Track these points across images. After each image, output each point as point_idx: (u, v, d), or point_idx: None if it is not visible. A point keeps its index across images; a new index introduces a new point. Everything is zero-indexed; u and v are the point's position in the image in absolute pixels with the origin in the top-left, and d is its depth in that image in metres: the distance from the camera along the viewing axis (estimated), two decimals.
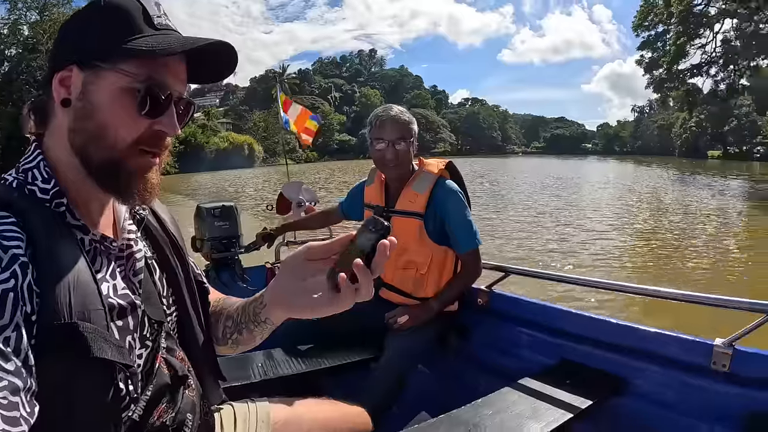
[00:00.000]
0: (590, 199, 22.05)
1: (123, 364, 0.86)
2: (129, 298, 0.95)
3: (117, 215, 1.04)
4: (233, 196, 27.97)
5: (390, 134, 2.47)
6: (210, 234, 3.38)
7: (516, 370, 2.30)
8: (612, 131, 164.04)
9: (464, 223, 2.48)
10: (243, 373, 2.24)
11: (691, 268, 9.43)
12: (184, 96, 0.98)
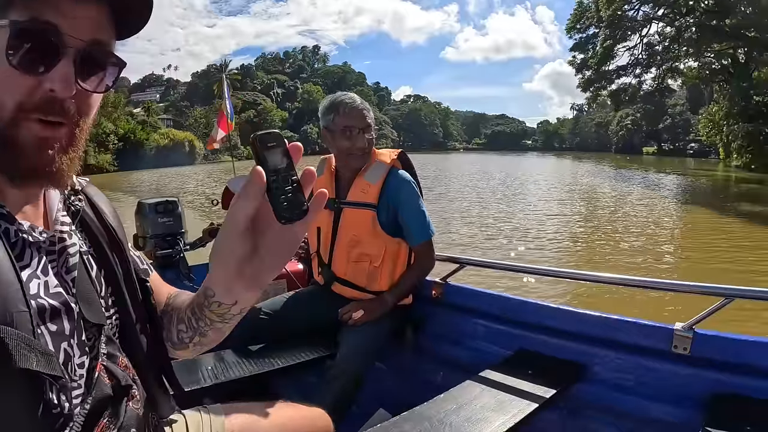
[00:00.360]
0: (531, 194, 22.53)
1: (51, 376, 0.73)
2: (62, 298, 0.81)
3: (49, 205, 0.90)
4: (175, 193, 27.37)
5: (361, 122, 2.42)
6: (153, 231, 3.21)
7: (475, 362, 2.28)
8: (552, 128, 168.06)
9: (418, 213, 2.45)
10: (193, 377, 2.13)
11: (637, 255, 9.86)
12: (102, 43, 0.79)
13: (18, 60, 0.71)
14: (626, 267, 8.78)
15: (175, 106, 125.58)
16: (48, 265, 0.83)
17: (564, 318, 2.13)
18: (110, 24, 0.80)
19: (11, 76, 0.71)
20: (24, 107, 0.73)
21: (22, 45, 0.70)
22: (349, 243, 2.50)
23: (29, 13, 0.70)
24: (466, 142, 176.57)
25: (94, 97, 0.82)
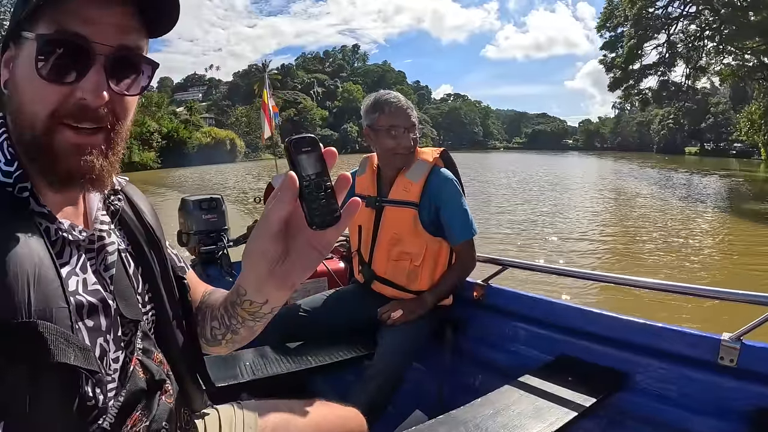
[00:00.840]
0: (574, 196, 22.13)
1: (88, 370, 0.75)
2: (100, 295, 0.84)
3: (89, 205, 0.92)
4: (216, 188, 27.76)
5: (406, 121, 2.41)
6: (197, 227, 3.28)
7: (514, 366, 2.25)
8: (593, 127, 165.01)
9: (460, 211, 2.41)
10: (231, 372, 2.14)
11: (691, 262, 9.50)
12: (130, 47, 0.79)
13: (47, 72, 0.73)
14: (670, 274, 8.50)
15: (216, 105, 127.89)
16: (87, 262, 0.86)
17: (607, 324, 2.06)
18: (139, 26, 0.80)
19: (42, 88, 0.74)
20: (57, 116, 0.75)
21: (51, 57, 0.73)
22: (389, 241, 2.49)
23: (55, 25, 0.72)
24: (507, 141, 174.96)
25: (129, 100, 0.83)
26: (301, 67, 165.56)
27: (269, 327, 1.08)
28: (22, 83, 0.77)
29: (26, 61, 0.74)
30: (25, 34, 0.75)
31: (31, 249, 0.73)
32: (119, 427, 0.84)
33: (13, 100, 0.79)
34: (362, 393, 2.20)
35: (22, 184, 0.78)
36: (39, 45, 0.72)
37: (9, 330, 0.67)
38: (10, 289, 0.68)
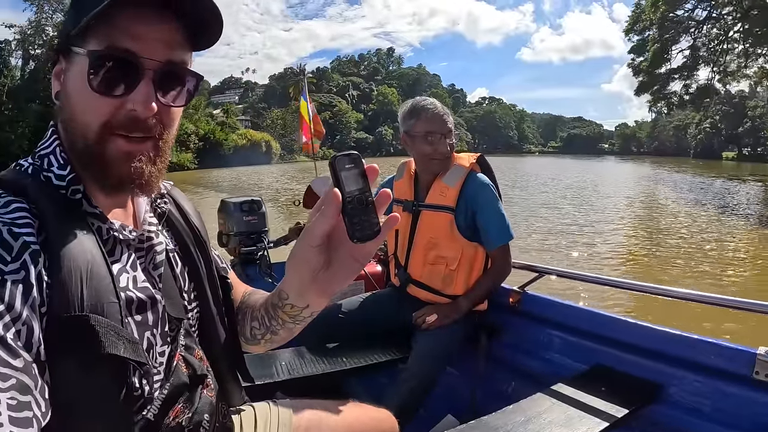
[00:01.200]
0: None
1: (136, 362, 0.80)
2: (149, 292, 0.89)
3: (137, 207, 0.98)
4: (252, 188, 28.10)
5: (442, 127, 2.43)
6: (238, 228, 3.33)
7: (547, 374, 2.24)
8: (629, 131, 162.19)
9: (496, 216, 2.41)
10: (267, 371, 2.19)
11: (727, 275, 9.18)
12: (176, 62, 0.84)
13: (99, 85, 0.78)
14: (706, 285, 8.25)
15: (253, 108, 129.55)
16: (137, 261, 0.91)
17: (642, 334, 2.02)
18: (184, 40, 0.85)
19: (94, 100, 0.79)
20: (109, 126, 0.80)
21: (102, 71, 0.77)
22: (426, 245, 2.50)
23: (106, 42, 0.77)
24: (542, 145, 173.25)
25: (175, 110, 0.88)
26: (336, 71, 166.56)
27: (306, 328, 1.10)
28: (74, 95, 0.82)
29: (78, 74, 0.79)
30: (76, 49, 0.80)
31: (85, 247, 0.78)
32: (162, 418, 0.88)
33: (65, 110, 0.84)
34: (395, 395, 2.22)
35: (75, 187, 0.84)
36: (91, 60, 0.77)
37: (63, 323, 0.71)
38: (64, 285, 0.72)
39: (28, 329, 0.67)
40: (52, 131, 0.89)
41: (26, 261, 0.70)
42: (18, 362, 0.64)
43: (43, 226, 0.75)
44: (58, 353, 0.71)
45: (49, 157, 0.85)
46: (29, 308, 0.68)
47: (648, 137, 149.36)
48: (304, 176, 42.51)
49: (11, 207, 0.75)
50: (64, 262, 0.74)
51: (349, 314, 2.59)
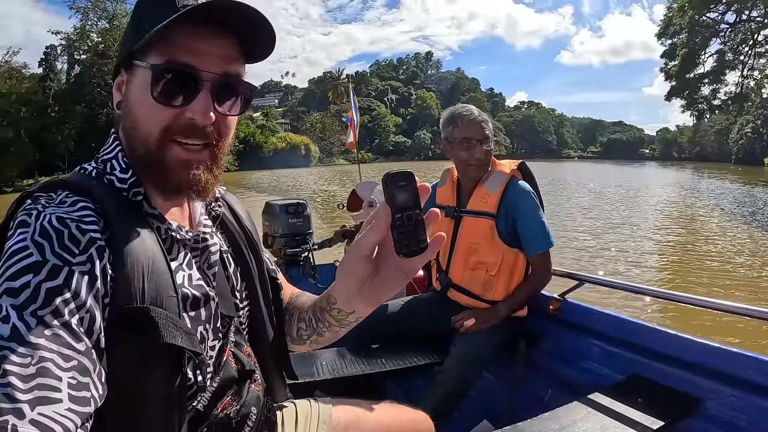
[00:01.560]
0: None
1: (192, 352, 0.86)
2: (203, 290, 0.95)
3: (193, 210, 1.05)
4: (290, 191, 28.42)
5: (478, 133, 2.45)
6: (283, 230, 3.40)
7: (584, 383, 2.22)
8: (670, 136, 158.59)
9: (536, 223, 2.43)
10: (308, 370, 2.24)
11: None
12: (231, 74, 0.91)
13: (160, 96, 0.85)
14: (747, 297, 8.00)
15: (292, 111, 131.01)
16: (192, 260, 0.98)
17: (681, 346, 1.98)
18: (239, 54, 0.92)
19: (156, 109, 0.86)
20: (169, 133, 0.87)
21: (164, 83, 0.84)
22: (467, 250, 2.53)
23: (166, 56, 0.84)
24: (581, 150, 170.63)
25: (230, 119, 0.95)
26: (375, 74, 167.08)
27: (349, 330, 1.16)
28: (136, 105, 0.89)
29: (141, 86, 0.86)
30: (138, 63, 0.87)
31: (146, 244, 0.84)
32: (211, 409, 0.95)
33: (127, 119, 0.91)
34: (431, 398, 2.24)
35: (136, 189, 0.90)
36: (153, 73, 0.84)
37: (125, 314, 0.78)
38: (127, 278, 0.79)
39: (90, 317, 0.73)
40: (113, 138, 0.95)
41: (92, 255, 0.76)
42: (80, 346, 0.69)
43: (108, 224, 0.82)
44: (120, 341, 0.77)
45: (112, 162, 0.92)
46: (93, 298, 0.74)
47: (689, 142, 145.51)
48: (342, 178, 42.75)
49: (78, 206, 0.81)
50: (127, 257, 0.80)
51: (391, 317, 2.63)
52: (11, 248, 0.74)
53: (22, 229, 0.76)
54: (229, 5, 0.83)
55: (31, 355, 0.65)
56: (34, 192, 0.84)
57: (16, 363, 0.63)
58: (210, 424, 0.95)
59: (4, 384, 0.62)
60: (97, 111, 53.29)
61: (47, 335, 0.67)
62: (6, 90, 48.69)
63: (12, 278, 0.70)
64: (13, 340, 0.65)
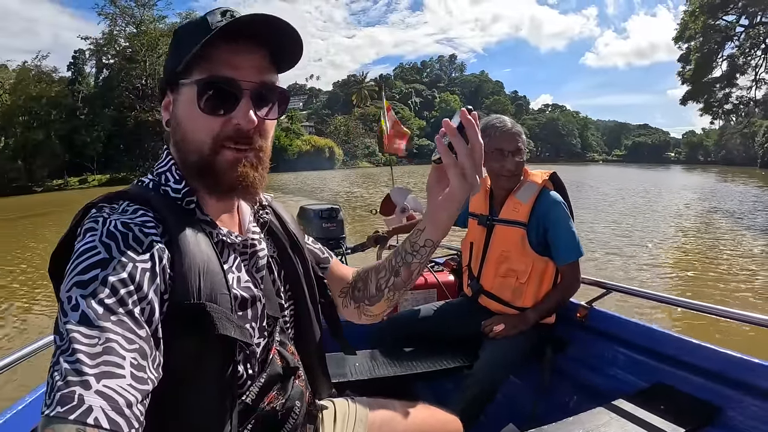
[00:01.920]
0: None
1: (244, 343, 0.94)
2: (251, 291, 1.04)
3: (242, 217, 1.14)
4: (314, 192, 28.64)
5: (511, 145, 2.48)
6: (317, 234, 3.42)
7: (608, 389, 2.24)
8: (696, 139, 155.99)
9: (566, 233, 2.45)
10: (341, 371, 2.30)
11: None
12: (267, 83, 1.00)
13: (207, 107, 0.94)
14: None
15: (317, 114, 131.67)
16: (241, 263, 1.06)
17: (705, 355, 1.99)
18: (271, 65, 1.02)
19: (204, 119, 0.95)
20: (218, 139, 0.96)
21: (208, 96, 0.94)
22: (498, 258, 2.57)
23: (208, 72, 0.94)
24: (606, 153, 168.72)
25: (269, 123, 1.04)
26: (399, 77, 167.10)
27: (379, 331, 1.26)
28: (185, 119, 0.98)
29: (187, 101, 0.96)
30: (183, 81, 0.97)
31: (201, 247, 0.93)
32: (258, 403, 1.03)
33: (177, 133, 1.00)
34: (459, 401, 2.28)
35: (189, 198, 1.00)
36: (198, 87, 0.94)
37: (183, 309, 0.86)
38: (185, 278, 0.88)
39: (150, 308, 0.81)
40: (167, 153, 1.04)
41: (153, 255, 0.85)
42: (142, 332, 0.77)
43: (166, 229, 0.91)
44: (179, 334, 0.86)
45: (166, 174, 1.01)
46: (153, 292, 0.82)
47: (715, 146, 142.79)
48: (365, 180, 42.77)
49: (139, 213, 0.90)
50: (184, 259, 0.89)
51: (422, 321, 2.69)
52: (81, 248, 0.82)
53: (90, 233, 0.84)
54: (254, 19, 0.92)
55: (98, 337, 0.72)
56: (97, 203, 0.93)
57: (84, 343, 0.71)
58: (258, 417, 1.02)
59: (72, 360, 0.69)
60: (125, 114, 54.81)
61: (113, 320, 0.75)
62: (37, 93, 50.45)
63: (82, 273, 0.78)
64: (82, 325, 0.73)
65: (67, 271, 0.80)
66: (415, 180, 31.00)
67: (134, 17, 58.18)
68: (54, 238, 1.05)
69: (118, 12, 58.08)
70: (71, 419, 0.65)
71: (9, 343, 7.02)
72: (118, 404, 0.68)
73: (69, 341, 0.71)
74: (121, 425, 0.67)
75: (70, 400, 0.66)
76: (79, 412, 0.65)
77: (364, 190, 32.09)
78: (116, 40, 59.57)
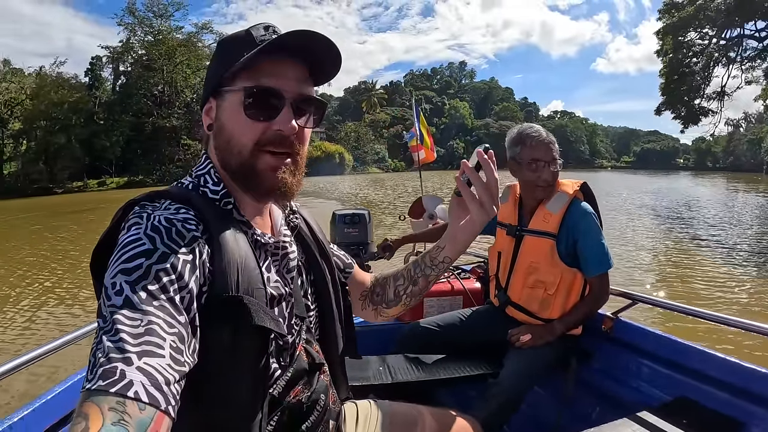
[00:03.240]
0: None
1: (278, 334, 1.00)
2: (280, 290, 1.09)
3: (274, 220, 1.19)
4: (328, 195, 28.83)
5: (547, 155, 2.44)
6: (340, 239, 3.45)
7: (632, 401, 2.22)
8: (704, 146, 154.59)
9: (596, 245, 2.41)
10: (365, 374, 2.29)
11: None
12: (305, 94, 1.06)
13: (252, 113, 1.00)
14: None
15: (328, 120, 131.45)
16: (272, 264, 1.11)
17: (730, 369, 1.95)
18: (309, 78, 1.09)
19: (248, 124, 1.01)
20: (259, 144, 1.02)
21: (254, 103, 1.00)
22: (527, 269, 2.53)
23: (253, 81, 1.00)
24: (615, 159, 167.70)
25: (307, 131, 1.10)
26: (409, 84, 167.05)
27: (404, 337, 1.66)
28: (229, 123, 1.03)
29: (232, 107, 1.02)
30: (228, 89, 1.03)
31: (239, 245, 0.98)
32: (285, 396, 1.06)
33: (220, 137, 1.05)
34: (483, 409, 2.25)
35: (227, 200, 1.05)
36: (245, 94, 1.00)
37: (223, 300, 0.91)
38: (224, 272, 0.92)
39: (190, 298, 0.85)
40: (205, 157, 1.10)
41: (194, 249, 0.89)
42: (181, 318, 0.82)
43: (207, 227, 0.95)
44: (216, 325, 0.90)
45: (205, 176, 1.07)
46: (194, 283, 0.87)
47: (723, 152, 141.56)
48: (374, 184, 42.73)
49: (181, 211, 0.95)
50: (224, 254, 0.93)
51: (447, 327, 2.67)
52: (126, 240, 0.86)
53: (135, 227, 0.88)
54: (298, 35, 0.98)
55: (141, 319, 0.76)
56: (139, 200, 0.98)
57: (127, 324, 0.75)
58: (284, 409, 1.06)
59: (115, 340, 0.73)
60: (143, 120, 56.33)
61: (155, 305, 0.79)
62: (58, 99, 52.46)
63: (127, 261, 0.82)
64: (126, 308, 0.76)
65: (111, 261, 0.84)
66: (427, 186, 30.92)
67: (152, 27, 60.14)
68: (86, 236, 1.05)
69: (137, 22, 60.13)
70: (112, 392, 0.67)
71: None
72: (158, 381, 0.71)
73: (112, 322, 0.75)
74: (159, 400, 0.70)
75: (111, 374, 0.69)
76: (121, 386, 0.68)
77: (372, 191, 32.16)
78: (133, 48, 61.56)
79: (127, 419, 0.66)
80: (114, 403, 0.67)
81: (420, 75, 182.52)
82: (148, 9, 60.39)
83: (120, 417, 0.66)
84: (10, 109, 52.60)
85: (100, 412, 0.66)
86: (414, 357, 2.51)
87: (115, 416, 0.66)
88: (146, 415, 0.68)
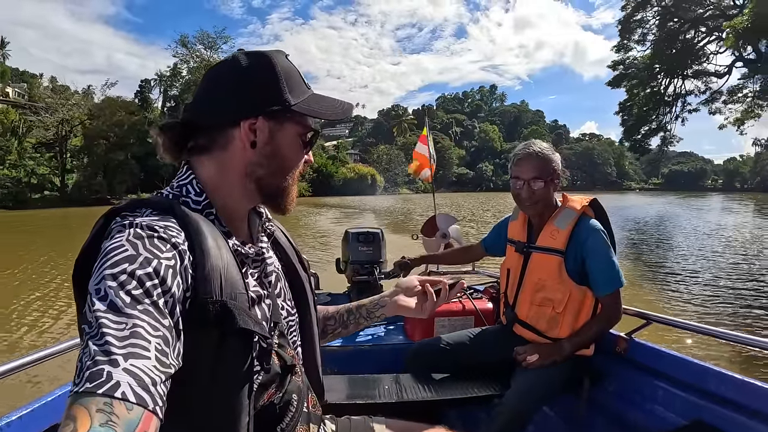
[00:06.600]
0: None
1: (262, 336, 1.00)
2: (260, 294, 1.10)
3: (252, 229, 1.21)
4: (352, 211, 29.00)
5: (526, 173, 2.37)
6: (353, 257, 3.42)
7: (645, 425, 2.12)
8: (733, 167, 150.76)
9: (606, 263, 2.29)
10: (370, 392, 2.23)
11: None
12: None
13: (305, 145, 1.15)
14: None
15: (362, 142, 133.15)
16: (251, 270, 1.13)
17: (749, 392, 1.80)
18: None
19: (301, 155, 1.15)
20: (299, 171, 1.17)
21: (309, 139, 1.15)
22: (534, 286, 2.44)
23: (306, 121, 1.13)
24: (644, 181, 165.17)
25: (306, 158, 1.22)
26: (440, 107, 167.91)
27: (412, 355, 1.66)
28: (287, 150, 1.11)
29: (292, 136, 1.12)
30: (289, 116, 1.10)
31: (221, 252, 0.98)
32: (258, 399, 1.05)
33: (268, 158, 1.10)
34: (488, 429, 2.18)
35: (208, 210, 1.06)
36: (311, 133, 1.15)
37: (206, 305, 0.90)
38: (206, 279, 0.92)
39: (173, 302, 0.85)
40: (186, 168, 1.10)
41: (176, 255, 0.89)
42: (165, 321, 0.81)
43: (188, 235, 0.94)
44: (200, 329, 0.90)
45: (187, 186, 1.07)
46: (176, 287, 0.86)
47: (750, 172, 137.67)
48: (403, 201, 42.53)
49: (163, 219, 0.94)
50: (206, 261, 0.93)
51: (455, 346, 2.59)
52: (109, 247, 0.86)
53: (118, 234, 0.88)
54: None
55: (125, 323, 0.76)
56: (120, 210, 0.97)
57: (112, 328, 0.75)
58: (257, 412, 1.04)
59: (101, 343, 0.73)
60: None
61: (139, 309, 0.79)
62: (117, 120, 59.27)
63: (111, 267, 0.82)
64: (110, 312, 0.77)
65: (95, 268, 0.84)
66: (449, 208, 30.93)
67: (203, 59, 65.47)
68: None
69: (188, 53, 66.66)
70: (99, 393, 0.68)
71: None
72: (144, 381, 0.72)
73: (98, 327, 0.75)
74: (147, 400, 0.71)
75: (98, 376, 0.69)
76: (108, 387, 0.68)
77: (396, 203, 32.05)
78: (180, 73, 68.17)
79: (114, 420, 0.67)
80: (101, 404, 0.67)
81: (452, 98, 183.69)
82: (198, 41, 66.91)
83: (108, 418, 0.66)
84: (71, 127, 58.35)
85: (88, 413, 0.66)
86: (421, 376, 2.44)
87: (102, 417, 0.66)
88: (134, 416, 0.69)
